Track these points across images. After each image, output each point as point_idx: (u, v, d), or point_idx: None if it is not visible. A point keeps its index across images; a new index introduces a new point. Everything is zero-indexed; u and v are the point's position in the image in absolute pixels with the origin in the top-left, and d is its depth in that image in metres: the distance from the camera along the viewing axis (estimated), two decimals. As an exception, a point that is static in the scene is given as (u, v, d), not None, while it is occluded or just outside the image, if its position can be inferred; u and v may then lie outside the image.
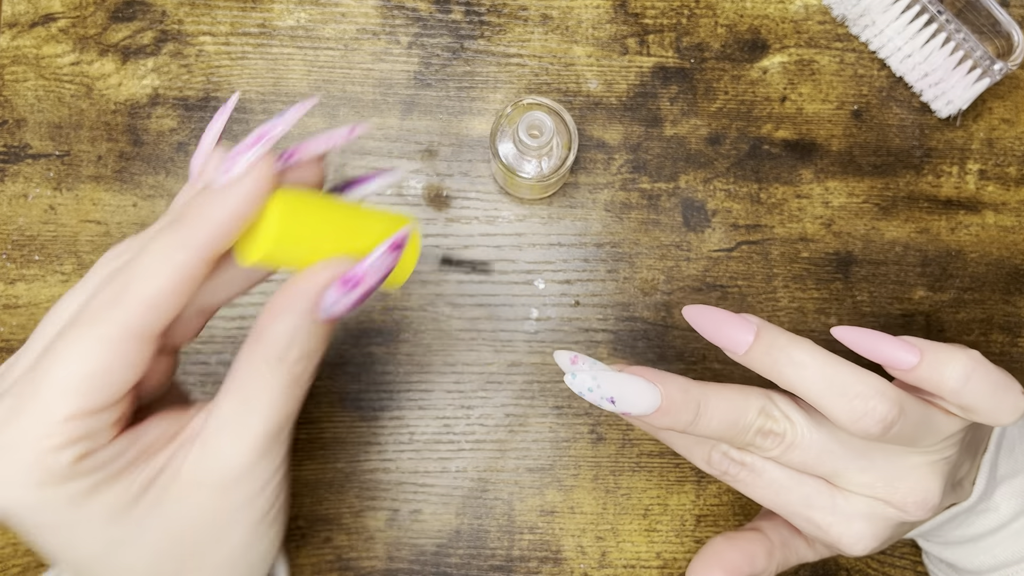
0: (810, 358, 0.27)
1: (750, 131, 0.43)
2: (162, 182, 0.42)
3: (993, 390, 0.26)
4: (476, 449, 0.42)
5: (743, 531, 0.33)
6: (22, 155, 0.42)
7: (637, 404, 0.27)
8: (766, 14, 0.44)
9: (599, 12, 0.43)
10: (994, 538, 0.34)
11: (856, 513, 0.29)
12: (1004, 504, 0.33)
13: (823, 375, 0.26)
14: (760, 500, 0.30)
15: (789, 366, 0.27)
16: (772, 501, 0.30)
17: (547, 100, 0.38)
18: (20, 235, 0.42)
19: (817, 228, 0.43)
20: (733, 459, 0.30)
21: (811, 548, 0.34)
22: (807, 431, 0.28)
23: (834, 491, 0.29)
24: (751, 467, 0.30)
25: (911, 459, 0.29)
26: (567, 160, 0.38)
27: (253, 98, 0.43)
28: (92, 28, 0.43)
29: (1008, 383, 0.27)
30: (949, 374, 0.26)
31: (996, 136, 0.44)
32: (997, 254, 0.43)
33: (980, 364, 0.27)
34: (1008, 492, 0.33)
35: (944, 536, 0.35)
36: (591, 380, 0.27)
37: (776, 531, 0.33)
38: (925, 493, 0.28)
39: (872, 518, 0.29)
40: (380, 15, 0.43)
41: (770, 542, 0.32)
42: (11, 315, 0.42)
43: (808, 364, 0.26)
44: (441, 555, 0.42)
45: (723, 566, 0.31)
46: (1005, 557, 0.34)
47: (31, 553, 0.41)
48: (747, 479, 0.30)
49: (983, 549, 0.34)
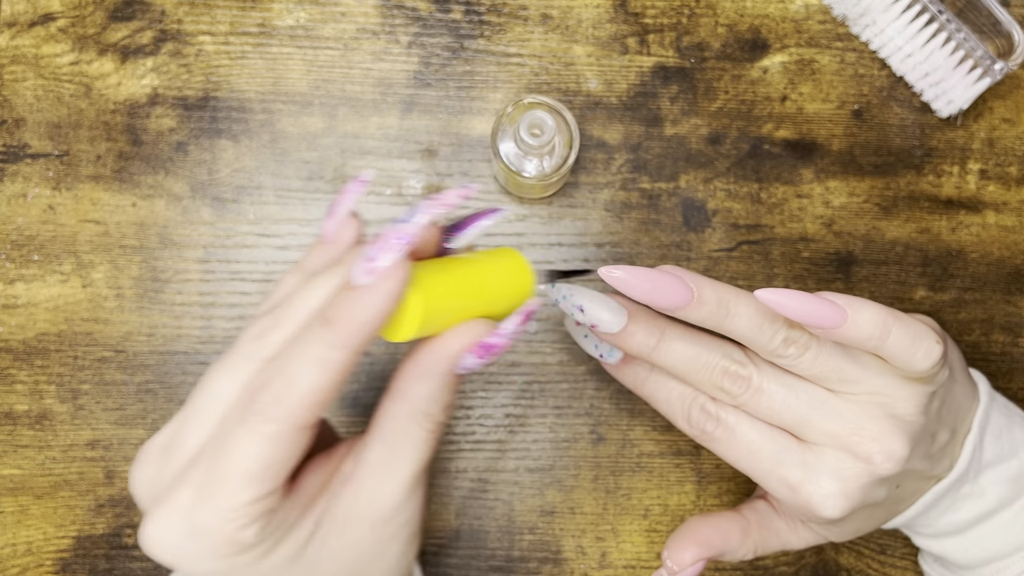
0: (745, 307, 0.29)
1: (750, 131, 0.43)
2: (161, 182, 0.42)
3: (911, 340, 0.28)
4: (476, 449, 0.42)
5: (721, 511, 0.34)
6: (21, 155, 0.42)
7: (603, 318, 0.30)
8: (766, 13, 0.43)
9: (599, 11, 0.43)
10: (983, 528, 0.34)
11: (825, 468, 0.30)
12: (990, 490, 0.33)
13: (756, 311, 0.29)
14: (736, 462, 0.31)
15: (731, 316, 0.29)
16: (747, 462, 0.31)
17: (548, 99, 0.38)
18: (19, 235, 0.42)
19: (818, 228, 0.43)
20: (710, 413, 0.31)
21: (793, 531, 0.34)
22: (769, 377, 0.30)
23: (804, 447, 0.30)
24: (725, 424, 0.31)
25: (875, 411, 0.30)
26: (568, 159, 0.38)
27: (252, 98, 0.42)
28: (91, 28, 0.42)
29: (923, 332, 0.28)
30: (870, 332, 0.28)
31: (997, 136, 0.44)
32: (998, 254, 0.43)
33: (893, 316, 0.28)
34: (994, 478, 0.33)
35: (932, 524, 0.35)
36: (566, 289, 0.30)
37: (754, 512, 0.34)
38: (890, 443, 0.29)
39: (841, 474, 0.30)
40: (380, 14, 0.43)
41: (746, 521, 0.34)
42: (10, 315, 0.41)
43: (743, 313, 0.29)
44: (441, 555, 0.42)
45: (697, 541, 0.33)
46: (996, 550, 0.34)
47: (31, 553, 0.41)
48: (723, 437, 0.31)
49: (973, 540, 0.34)
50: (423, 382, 0.27)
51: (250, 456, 0.24)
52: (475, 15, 0.43)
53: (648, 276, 0.28)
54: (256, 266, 0.42)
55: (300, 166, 0.42)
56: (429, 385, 0.27)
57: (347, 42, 0.43)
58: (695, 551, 0.33)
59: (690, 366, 0.31)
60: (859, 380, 0.30)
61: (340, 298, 0.25)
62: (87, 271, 0.42)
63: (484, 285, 0.28)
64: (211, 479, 0.25)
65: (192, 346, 0.42)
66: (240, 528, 0.24)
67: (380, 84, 0.43)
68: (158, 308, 0.42)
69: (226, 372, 0.27)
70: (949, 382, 0.32)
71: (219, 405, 0.26)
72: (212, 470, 0.25)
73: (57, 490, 0.41)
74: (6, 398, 0.41)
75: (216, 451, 0.25)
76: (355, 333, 0.24)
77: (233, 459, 0.24)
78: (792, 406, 0.30)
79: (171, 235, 0.42)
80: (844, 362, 0.30)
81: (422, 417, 0.27)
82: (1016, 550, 0.33)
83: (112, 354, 0.42)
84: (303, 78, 0.43)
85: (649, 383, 0.33)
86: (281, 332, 0.26)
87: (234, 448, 0.24)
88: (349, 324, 0.24)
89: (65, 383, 0.41)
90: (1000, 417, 0.34)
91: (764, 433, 0.31)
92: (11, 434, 0.41)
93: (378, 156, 0.43)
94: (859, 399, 0.30)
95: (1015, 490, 0.33)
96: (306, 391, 0.24)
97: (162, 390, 0.42)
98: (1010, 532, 0.33)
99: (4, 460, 0.41)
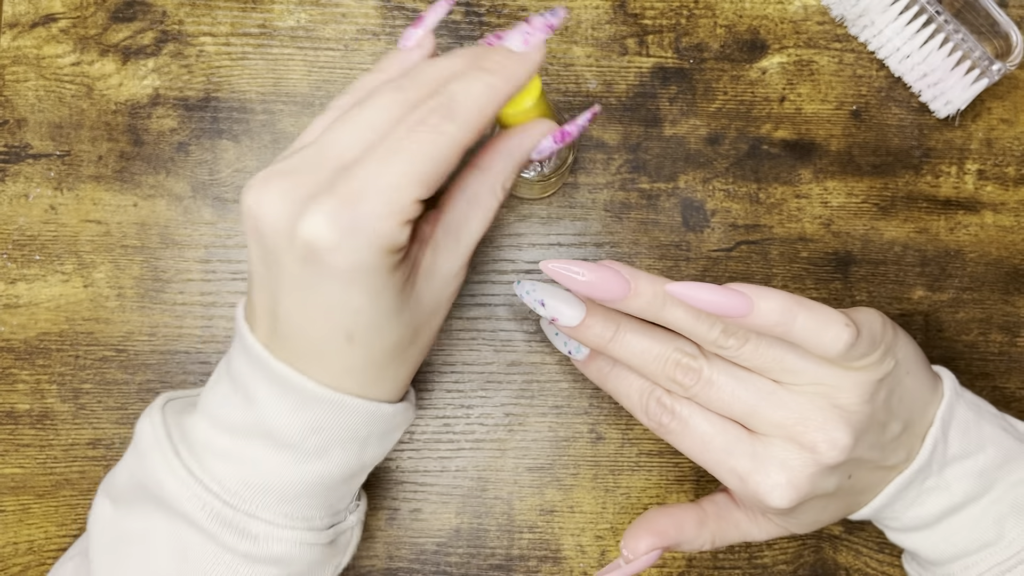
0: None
1: (749, 131, 0.43)
2: (162, 182, 0.42)
3: (817, 325, 0.29)
4: (476, 448, 0.42)
5: (680, 503, 0.35)
6: (23, 155, 0.42)
7: (562, 311, 0.32)
8: (765, 14, 0.44)
9: (598, 12, 0.43)
10: (951, 523, 0.34)
11: (773, 459, 0.31)
12: (956, 484, 0.33)
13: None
14: (690, 453, 0.33)
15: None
16: (700, 453, 0.32)
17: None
18: (21, 235, 0.42)
19: (816, 228, 0.43)
20: (665, 406, 0.32)
21: (753, 522, 0.35)
22: (719, 369, 0.31)
23: (754, 438, 0.31)
24: (679, 416, 0.32)
25: (820, 401, 0.31)
26: (568, 159, 0.38)
27: (253, 98, 0.43)
28: (93, 28, 0.43)
29: (831, 318, 0.29)
30: (776, 319, 0.29)
31: (995, 136, 0.44)
32: (996, 254, 0.43)
33: (799, 303, 0.29)
34: (960, 472, 0.33)
35: (899, 517, 0.35)
36: (529, 285, 0.33)
37: (712, 504, 0.35)
38: (834, 432, 0.30)
39: (787, 464, 0.31)
40: (380, 15, 0.43)
41: (703, 512, 0.35)
42: (12, 315, 0.42)
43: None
44: (441, 554, 0.42)
45: (651, 531, 0.34)
46: (964, 546, 0.34)
47: (32, 552, 0.41)
48: (677, 429, 0.32)
49: (942, 536, 0.34)
50: (507, 158, 0.31)
51: (419, 160, 0.26)
52: (475, 16, 0.43)
53: (586, 269, 0.30)
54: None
55: (301, 166, 0.43)
56: (511, 161, 0.31)
57: (348, 43, 0.43)
58: (649, 540, 0.34)
59: (644, 358, 0.32)
60: (801, 370, 0.31)
61: (496, 53, 0.29)
62: (88, 271, 0.42)
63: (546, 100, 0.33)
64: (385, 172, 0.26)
65: (193, 346, 0.42)
66: (401, 225, 0.27)
67: (380, 85, 0.43)
68: (159, 308, 0.42)
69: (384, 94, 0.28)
70: (899, 373, 0.32)
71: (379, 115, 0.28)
72: (385, 165, 0.26)
73: (59, 489, 0.41)
74: (8, 397, 0.42)
75: (390, 151, 0.27)
76: (510, 81, 0.28)
77: (407, 157, 0.26)
78: (741, 397, 0.31)
79: (172, 235, 0.42)
80: (784, 352, 0.31)
81: (500, 188, 0.31)
82: (984, 546, 0.33)
83: (113, 354, 0.42)
84: (304, 79, 0.43)
85: (612, 377, 0.35)
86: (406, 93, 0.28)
87: (409, 147, 0.26)
88: (506, 71, 0.28)
89: (67, 383, 0.42)
90: (967, 412, 0.34)
91: (716, 425, 0.32)
92: (13, 433, 0.41)
93: (378, 156, 0.43)
94: (804, 390, 0.31)
95: (983, 485, 0.33)
96: (479, 106, 0.27)
97: (163, 389, 0.42)
98: (978, 528, 0.33)
99: (6, 459, 0.41)
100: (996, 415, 0.35)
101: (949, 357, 0.43)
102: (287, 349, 0.30)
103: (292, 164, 0.28)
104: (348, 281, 0.27)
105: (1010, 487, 0.33)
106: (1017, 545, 0.33)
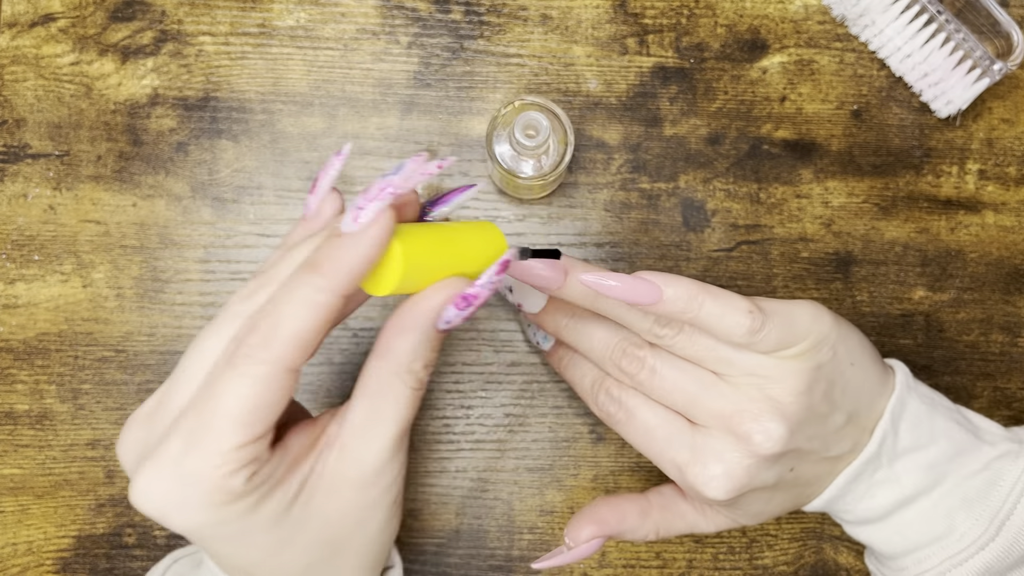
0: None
1: (750, 131, 0.43)
2: (161, 182, 0.42)
3: (722, 311, 0.30)
4: (476, 449, 0.42)
5: (626, 494, 0.36)
6: (22, 155, 0.42)
7: (527, 300, 0.35)
8: (766, 14, 0.44)
9: (599, 12, 0.43)
10: (903, 517, 0.34)
11: (711, 451, 0.31)
12: (906, 476, 0.33)
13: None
14: (636, 444, 0.33)
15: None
16: (644, 444, 0.33)
17: (541, 99, 0.38)
18: (20, 235, 0.42)
19: (817, 228, 0.43)
20: (613, 397, 0.33)
21: (701, 514, 0.35)
22: (663, 359, 0.32)
23: (694, 430, 0.32)
24: (626, 406, 0.33)
25: (754, 392, 0.31)
26: (565, 157, 0.38)
27: (253, 98, 0.43)
28: (92, 28, 0.43)
29: (735, 304, 0.30)
30: (683, 306, 0.30)
31: (996, 136, 0.44)
32: (997, 254, 0.43)
33: (704, 290, 0.30)
34: (911, 465, 0.33)
35: (851, 510, 0.35)
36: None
37: (658, 495, 0.36)
38: (768, 423, 0.30)
39: (724, 456, 0.31)
40: (380, 15, 0.43)
41: (648, 503, 0.35)
42: (11, 315, 0.42)
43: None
44: (441, 555, 0.42)
45: (593, 520, 0.34)
46: (916, 539, 0.34)
47: (31, 552, 0.41)
48: (624, 420, 0.33)
49: (894, 530, 0.34)
50: (406, 337, 0.27)
51: (239, 398, 0.24)
52: (475, 15, 0.43)
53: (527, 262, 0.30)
54: (256, 266, 0.42)
55: (300, 166, 0.43)
56: (412, 340, 0.27)
57: (347, 43, 0.43)
58: (591, 529, 0.34)
59: (594, 344, 0.33)
60: (735, 361, 0.31)
61: (327, 245, 0.26)
62: (87, 271, 0.42)
63: (461, 246, 0.29)
64: (200, 425, 0.25)
65: (192, 346, 0.42)
66: (229, 474, 0.25)
67: (380, 84, 0.43)
68: (158, 308, 0.42)
69: (214, 331, 0.27)
70: (840, 364, 0.32)
71: (207, 361, 0.26)
72: (201, 416, 0.25)
73: (57, 490, 0.41)
74: (7, 398, 0.41)
75: (204, 398, 0.25)
76: (341, 275, 0.25)
77: (222, 403, 0.24)
78: (682, 387, 0.32)
79: (171, 235, 0.42)
80: (715, 342, 0.31)
81: (405, 374, 0.27)
82: (936, 539, 0.33)
83: (112, 354, 0.42)
84: (303, 78, 0.43)
85: (570, 367, 0.36)
86: (267, 291, 0.27)
87: (222, 392, 0.25)
88: (335, 266, 0.25)
89: (66, 383, 0.42)
90: (920, 405, 0.34)
91: (660, 416, 0.32)
92: (12, 434, 0.41)
93: (378, 156, 0.43)
94: (740, 381, 0.31)
95: (933, 478, 0.33)
96: (293, 331, 0.25)
97: (162, 390, 0.42)
98: (929, 521, 0.33)
99: (5, 460, 0.41)
100: (951, 408, 0.35)
101: (950, 357, 0.43)
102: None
103: (146, 408, 0.28)
104: (204, 538, 0.26)
105: (961, 480, 0.33)
106: (968, 538, 0.33)
